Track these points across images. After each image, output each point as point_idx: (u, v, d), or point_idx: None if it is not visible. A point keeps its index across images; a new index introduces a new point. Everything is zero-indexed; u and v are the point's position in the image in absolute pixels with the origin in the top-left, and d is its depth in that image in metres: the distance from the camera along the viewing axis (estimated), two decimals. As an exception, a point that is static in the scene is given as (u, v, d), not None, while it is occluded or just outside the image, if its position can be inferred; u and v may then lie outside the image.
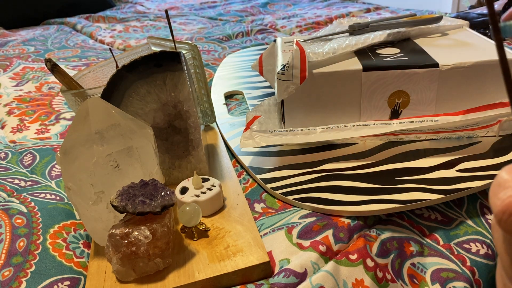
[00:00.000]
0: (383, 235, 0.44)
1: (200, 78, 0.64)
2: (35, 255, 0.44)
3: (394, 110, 0.57)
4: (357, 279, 0.40)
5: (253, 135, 0.56)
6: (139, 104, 0.50)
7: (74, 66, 1.08)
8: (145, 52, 0.65)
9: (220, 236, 0.44)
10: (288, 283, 0.39)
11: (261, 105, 0.65)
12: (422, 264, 0.43)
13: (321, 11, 1.47)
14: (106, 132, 0.43)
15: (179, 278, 0.40)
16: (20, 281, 0.41)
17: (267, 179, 0.53)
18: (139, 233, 0.39)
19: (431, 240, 0.45)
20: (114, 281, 0.40)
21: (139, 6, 1.91)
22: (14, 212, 0.50)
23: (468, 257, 0.43)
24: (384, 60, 0.56)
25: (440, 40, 0.64)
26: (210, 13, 1.64)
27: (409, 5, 1.84)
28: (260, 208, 0.50)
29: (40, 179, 0.59)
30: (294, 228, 0.45)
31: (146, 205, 0.40)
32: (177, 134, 0.53)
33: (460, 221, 0.46)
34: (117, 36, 1.40)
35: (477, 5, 1.25)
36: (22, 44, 1.33)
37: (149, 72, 0.49)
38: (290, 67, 0.54)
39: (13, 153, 0.67)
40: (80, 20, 1.60)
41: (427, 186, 0.47)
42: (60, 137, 0.72)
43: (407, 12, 1.33)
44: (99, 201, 0.43)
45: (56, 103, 0.86)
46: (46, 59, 0.52)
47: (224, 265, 0.40)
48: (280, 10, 1.60)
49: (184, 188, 0.49)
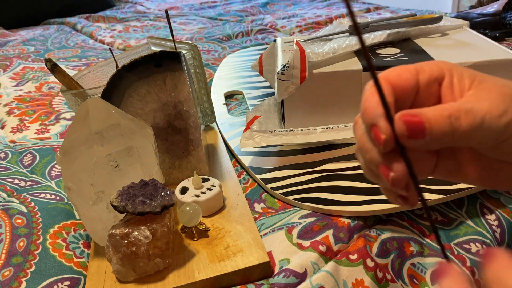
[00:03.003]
0: (383, 235, 0.44)
1: (200, 78, 0.64)
2: (35, 255, 0.44)
3: (394, 110, 0.57)
4: (357, 279, 0.40)
5: (253, 135, 0.56)
6: (139, 104, 0.50)
7: (74, 66, 1.08)
8: (145, 52, 0.65)
9: (220, 236, 0.44)
10: (288, 283, 0.39)
11: (261, 105, 0.65)
12: (422, 264, 0.43)
13: (321, 11, 1.47)
14: (106, 132, 0.43)
15: (179, 278, 0.40)
16: (20, 281, 0.41)
17: (267, 179, 0.53)
18: (139, 233, 0.39)
19: (431, 240, 0.45)
20: (114, 281, 0.40)
21: (139, 6, 1.91)
22: (14, 212, 0.50)
23: (468, 257, 0.43)
24: (384, 60, 0.56)
25: (440, 40, 0.64)
26: (210, 13, 1.64)
27: (409, 5, 1.84)
28: (260, 208, 0.50)
29: (40, 179, 0.59)
30: (294, 228, 0.45)
31: (146, 205, 0.40)
32: (177, 134, 0.53)
33: (460, 221, 0.46)
34: (117, 36, 1.40)
35: (477, 5, 1.25)
36: (22, 44, 1.33)
37: (149, 72, 0.49)
38: (290, 67, 0.54)
39: (13, 153, 0.67)
40: (80, 20, 1.60)
41: (427, 186, 0.47)
42: (60, 137, 0.72)
43: (407, 12, 1.33)
44: (99, 201, 0.43)
45: (56, 103, 0.86)
46: (46, 59, 0.52)
47: (224, 265, 0.40)
48: (280, 10, 1.60)
49: (184, 188, 0.49)
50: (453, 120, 0.24)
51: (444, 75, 0.27)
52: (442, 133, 0.24)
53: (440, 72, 0.28)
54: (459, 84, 0.27)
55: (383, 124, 0.25)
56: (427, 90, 0.28)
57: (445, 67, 0.28)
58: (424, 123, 0.24)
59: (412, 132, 0.24)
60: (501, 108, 0.25)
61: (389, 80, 0.27)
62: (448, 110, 0.24)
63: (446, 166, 0.30)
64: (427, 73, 0.28)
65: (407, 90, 0.27)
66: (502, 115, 0.24)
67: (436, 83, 0.28)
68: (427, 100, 0.28)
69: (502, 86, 0.26)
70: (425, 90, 0.28)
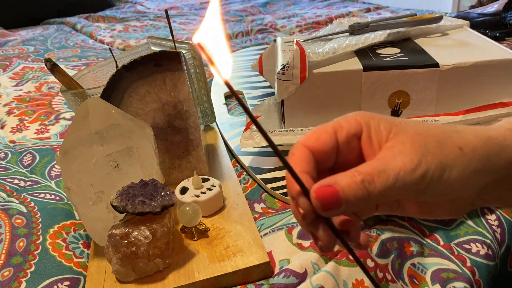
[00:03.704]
0: (383, 235, 0.44)
1: (200, 78, 0.64)
2: (35, 255, 0.44)
3: (394, 110, 0.57)
4: (357, 279, 0.40)
5: (253, 135, 0.56)
6: (139, 104, 0.50)
7: (74, 66, 1.08)
8: (145, 52, 0.65)
9: (220, 236, 0.44)
10: (288, 283, 0.39)
11: (261, 105, 0.65)
12: (422, 264, 0.42)
13: (321, 11, 1.47)
14: (106, 132, 0.43)
15: (179, 278, 0.40)
16: (19, 281, 0.41)
17: (267, 179, 0.53)
18: (139, 233, 0.39)
19: (431, 240, 0.45)
20: (114, 281, 0.40)
21: (139, 5, 1.91)
22: (13, 212, 0.50)
23: (468, 257, 0.43)
24: (384, 60, 0.56)
25: (440, 40, 0.64)
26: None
27: (409, 5, 1.84)
28: (260, 208, 0.50)
29: (40, 179, 0.59)
30: (294, 228, 0.45)
31: (146, 205, 0.40)
32: (177, 134, 0.53)
33: (460, 221, 0.46)
34: (117, 36, 1.40)
35: (477, 5, 1.25)
36: (22, 44, 1.33)
37: (149, 72, 0.49)
38: (290, 67, 0.54)
39: (12, 153, 0.67)
40: (79, 20, 1.60)
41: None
42: (59, 137, 0.72)
43: (407, 12, 1.33)
44: (99, 201, 0.43)
45: (55, 103, 0.86)
46: (46, 59, 0.52)
47: (224, 265, 0.40)
48: (280, 10, 1.60)
49: (184, 188, 0.49)
50: (366, 184, 0.24)
51: (362, 130, 0.28)
52: (357, 199, 0.25)
53: (357, 127, 0.28)
54: (376, 137, 0.27)
55: (301, 200, 0.25)
56: (348, 146, 0.28)
57: (362, 121, 0.28)
58: (339, 193, 0.24)
59: (327, 205, 0.25)
60: (414, 161, 0.25)
61: (307, 146, 0.28)
62: (361, 175, 0.25)
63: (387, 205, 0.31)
64: (345, 130, 0.28)
65: (327, 152, 0.28)
66: (416, 169, 0.25)
67: (355, 138, 0.28)
68: (350, 155, 0.29)
69: (416, 134, 0.26)
70: (345, 147, 0.28)
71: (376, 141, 0.27)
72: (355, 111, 0.29)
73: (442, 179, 0.25)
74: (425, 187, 0.25)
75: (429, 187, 0.25)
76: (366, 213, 0.32)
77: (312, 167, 0.27)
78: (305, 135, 0.28)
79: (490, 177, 0.27)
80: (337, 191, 0.24)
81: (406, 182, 0.25)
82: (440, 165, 0.25)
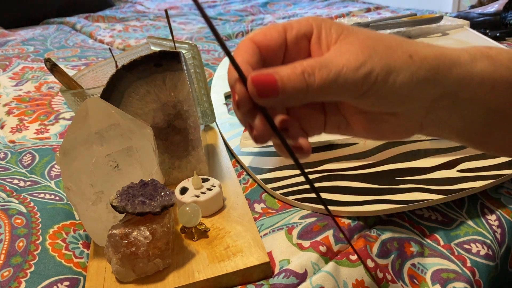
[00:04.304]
0: (383, 235, 0.44)
1: (200, 78, 0.64)
2: (35, 255, 0.44)
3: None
4: (357, 279, 0.40)
5: (253, 135, 0.55)
6: (138, 104, 0.50)
7: (73, 65, 1.08)
8: (145, 52, 0.65)
9: (220, 237, 0.44)
10: (288, 283, 0.39)
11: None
12: (423, 264, 0.42)
13: (321, 11, 1.47)
14: (105, 132, 0.43)
15: (179, 278, 0.40)
16: (19, 281, 0.41)
17: (267, 179, 0.53)
18: (139, 234, 0.39)
19: (432, 240, 0.45)
20: (114, 281, 0.40)
21: (139, 5, 1.90)
22: (13, 212, 0.50)
23: (469, 257, 0.43)
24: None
25: (440, 39, 0.64)
26: (210, 13, 1.64)
27: (409, 5, 1.84)
28: (260, 209, 0.50)
29: (40, 179, 0.59)
30: (294, 229, 0.45)
31: (146, 205, 0.40)
32: (177, 134, 0.53)
33: (461, 221, 0.46)
34: (116, 35, 1.39)
35: (477, 4, 1.25)
36: (22, 44, 1.33)
37: (148, 72, 0.49)
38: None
39: (12, 153, 0.67)
40: (79, 20, 1.60)
41: (428, 187, 0.47)
42: (59, 137, 0.72)
43: (407, 11, 1.33)
44: (99, 201, 0.43)
45: (55, 103, 0.86)
46: (46, 59, 0.52)
47: (224, 265, 0.40)
48: (280, 10, 1.60)
49: (184, 188, 0.49)
50: (306, 76, 0.24)
51: (312, 31, 0.27)
52: (295, 90, 0.24)
53: (308, 27, 0.27)
54: (326, 38, 0.27)
55: (237, 86, 0.25)
56: (297, 46, 0.28)
57: (314, 23, 0.28)
58: (277, 81, 0.24)
59: (263, 91, 0.24)
60: (360, 60, 0.24)
61: (254, 40, 0.27)
62: (302, 66, 0.24)
63: (334, 122, 0.31)
64: (295, 30, 0.28)
65: (274, 49, 0.27)
66: (360, 67, 0.24)
67: (305, 39, 0.28)
68: (298, 57, 0.28)
69: (367, 38, 0.26)
70: (294, 47, 0.28)
71: (325, 43, 0.27)
72: None
73: (387, 82, 0.25)
74: (368, 88, 0.25)
75: (372, 88, 0.25)
76: (313, 129, 0.31)
77: (256, 60, 0.27)
78: (254, 31, 0.28)
79: (438, 90, 0.26)
80: (275, 79, 0.24)
81: (348, 80, 0.24)
82: (386, 67, 0.25)
